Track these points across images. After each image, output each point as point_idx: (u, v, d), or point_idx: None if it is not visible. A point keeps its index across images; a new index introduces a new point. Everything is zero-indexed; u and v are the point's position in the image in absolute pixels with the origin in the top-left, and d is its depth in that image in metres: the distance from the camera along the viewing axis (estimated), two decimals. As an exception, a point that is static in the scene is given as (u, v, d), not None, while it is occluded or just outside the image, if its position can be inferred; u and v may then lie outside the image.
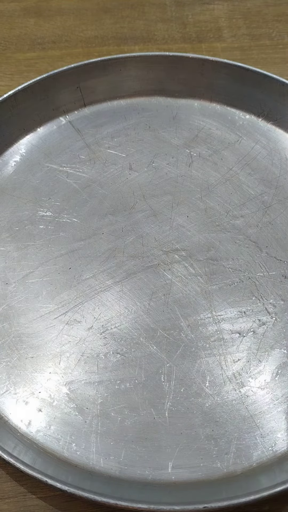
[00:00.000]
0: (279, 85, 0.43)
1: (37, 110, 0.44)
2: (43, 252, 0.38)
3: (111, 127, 0.44)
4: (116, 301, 0.36)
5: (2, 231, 0.39)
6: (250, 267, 0.37)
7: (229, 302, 0.35)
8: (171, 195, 0.40)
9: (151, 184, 0.41)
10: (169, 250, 0.38)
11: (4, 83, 0.49)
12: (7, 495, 0.30)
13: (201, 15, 0.55)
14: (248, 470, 0.30)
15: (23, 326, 0.34)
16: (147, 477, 0.29)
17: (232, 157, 0.43)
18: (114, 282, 0.36)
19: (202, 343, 0.34)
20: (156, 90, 0.46)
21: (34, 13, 0.55)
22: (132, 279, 0.36)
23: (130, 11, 0.55)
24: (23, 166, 0.42)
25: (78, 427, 0.31)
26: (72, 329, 0.34)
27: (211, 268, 0.37)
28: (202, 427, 0.31)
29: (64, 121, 0.45)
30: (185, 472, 0.29)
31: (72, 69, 0.44)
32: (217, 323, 0.35)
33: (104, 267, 0.37)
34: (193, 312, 0.35)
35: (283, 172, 0.41)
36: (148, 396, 0.32)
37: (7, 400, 0.32)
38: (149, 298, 0.36)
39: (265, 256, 0.37)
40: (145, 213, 0.40)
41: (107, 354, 0.33)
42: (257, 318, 0.35)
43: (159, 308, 0.35)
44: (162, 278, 0.36)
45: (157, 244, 0.38)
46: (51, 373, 0.33)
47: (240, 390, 0.32)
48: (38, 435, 0.31)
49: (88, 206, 0.40)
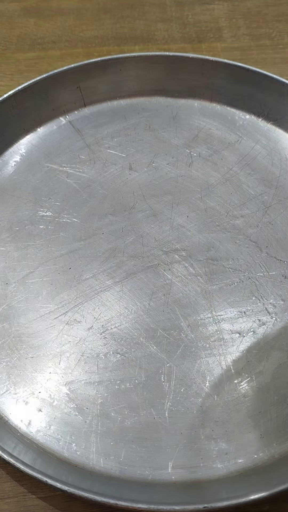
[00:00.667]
0: (279, 85, 0.43)
1: (37, 110, 0.44)
2: (43, 252, 0.38)
3: (111, 127, 0.44)
4: (116, 301, 0.36)
5: (2, 231, 0.39)
6: (250, 267, 0.37)
7: (229, 302, 0.35)
8: (171, 195, 0.40)
9: (151, 184, 0.41)
10: (169, 250, 0.38)
11: (4, 83, 0.49)
12: (7, 495, 0.30)
13: (201, 15, 0.55)
14: (248, 470, 0.30)
15: (23, 326, 0.34)
16: (147, 477, 0.29)
17: (232, 157, 0.43)
18: (114, 282, 0.36)
19: (202, 343, 0.34)
20: (156, 90, 0.46)
21: (34, 13, 0.55)
22: (132, 279, 0.36)
23: (130, 11, 0.55)
24: (23, 166, 0.42)
25: (78, 427, 0.31)
26: (72, 329, 0.34)
27: (211, 268, 0.37)
28: (202, 427, 0.31)
29: (64, 121, 0.45)
30: (185, 472, 0.29)
31: (72, 69, 0.44)
32: (217, 323, 0.35)
33: (104, 267, 0.37)
34: (193, 312, 0.35)
35: (283, 172, 0.41)
36: (148, 396, 0.32)
37: (7, 400, 0.32)
38: (149, 298, 0.36)
39: (265, 256, 0.37)
40: (145, 213, 0.40)
41: (107, 354, 0.33)
42: (257, 318, 0.35)
43: (159, 308, 0.35)
44: (162, 278, 0.36)
45: (157, 244, 0.38)
46: (51, 373, 0.33)
47: (240, 390, 0.32)
48: (38, 435, 0.31)
49: (88, 206, 0.40)
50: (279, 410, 0.31)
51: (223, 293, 0.36)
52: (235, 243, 0.38)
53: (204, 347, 0.34)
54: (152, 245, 0.38)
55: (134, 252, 0.38)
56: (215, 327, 0.34)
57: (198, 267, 0.37)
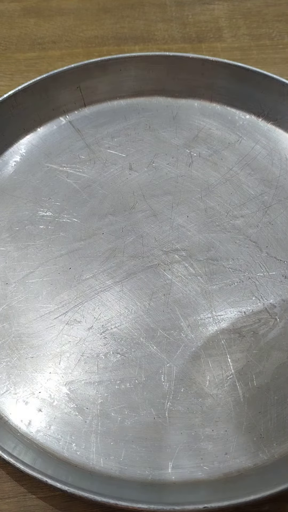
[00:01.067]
0: (279, 85, 0.43)
1: (37, 110, 0.44)
2: (43, 252, 0.38)
3: (111, 127, 0.44)
4: (116, 301, 0.36)
5: (2, 231, 0.39)
6: (250, 267, 0.37)
7: (229, 302, 0.35)
8: (171, 195, 0.40)
9: (151, 184, 0.41)
10: (169, 250, 0.38)
11: (4, 83, 0.49)
12: (7, 495, 0.30)
13: (201, 15, 0.55)
14: (248, 470, 0.30)
15: (23, 326, 0.34)
16: (147, 477, 0.29)
17: (232, 157, 0.43)
18: (114, 282, 0.36)
19: (202, 343, 0.34)
20: (156, 90, 0.46)
21: (34, 13, 0.55)
22: (132, 279, 0.36)
23: (130, 11, 0.55)
24: (23, 166, 0.42)
25: (78, 427, 0.31)
26: (72, 329, 0.34)
27: (211, 268, 0.37)
28: (202, 427, 0.31)
29: (64, 121, 0.45)
30: (185, 472, 0.29)
31: (72, 69, 0.44)
32: (217, 323, 0.35)
33: (104, 267, 0.37)
34: (193, 312, 0.35)
35: (283, 172, 0.41)
36: (148, 396, 0.32)
37: (7, 400, 0.32)
38: (149, 298, 0.36)
39: (265, 256, 0.37)
40: (145, 213, 0.40)
41: (107, 354, 0.33)
42: (257, 318, 0.35)
43: (159, 308, 0.35)
44: (162, 278, 0.36)
45: (157, 244, 0.38)
46: (51, 373, 0.33)
47: (240, 390, 0.32)
48: (38, 435, 0.31)
49: (88, 206, 0.40)
50: (279, 410, 0.31)
51: (223, 293, 0.36)
52: (235, 243, 0.38)
53: (204, 347, 0.34)
54: (152, 245, 0.38)
55: (134, 252, 0.38)
56: (215, 327, 0.34)
57: (198, 267, 0.37)
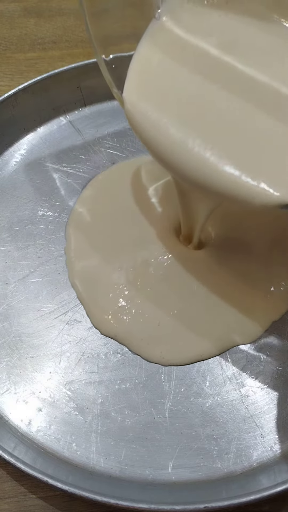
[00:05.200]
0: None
1: (37, 110, 0.44)
2: (43, 252, 0.38)
3: (111, 127, 0.44)
4: (116, 301, 0.36)
5: (2, 231, 0.39)
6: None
7: (229, 302, 0.35)
8: (171, 195, 0.40)
9: (151, 184, 0.41)
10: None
11: (4, 83, 0.49)
12: (7, 495, 0.30)
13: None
14: (248, 470, 0.30)
15: (23, 326, 0.34)
16: (147, 477, 0.29)
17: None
18: (114, 282, 0.36)
19: (202, 343, 0.34)
20: (156, 90, 0.46)
21: (35, 13, 0.55)
22: (132, 279, 0.36)
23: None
24: (23, 166, 0.42)
25: (79, 427, 0.31)
26: (72, 329, 0.34)
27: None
28: (202, 427, 0.31)
29: (65, 121, 0.45)
30: (185, 472, 0.29)
31: (72, 69, 0.44)
32: (217, 323, 0.35)
33: (104, 267, 0.37)
34: (193, 312, 0.35)
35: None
36: (148, 396, 0.32)
37: (7, 400, 0.32)
38: (149, 298, 0.36)
39: (265, 256, 0.37)
40: (145, 213, 0.40)
41: (107, 354, 0.33)
42: (257, 318, 0.35)
43: (159, 308, 0.35)
44: (162, 278, 0.36)
45: (157, 244, 0.38)
46: (51, 373, 0.33)
47: (240, 390, 0.32)
48: (38, 435, 0.31)
49: (88, 206, 0.40)
50: (279, 410, 0.31)
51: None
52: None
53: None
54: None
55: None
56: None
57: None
